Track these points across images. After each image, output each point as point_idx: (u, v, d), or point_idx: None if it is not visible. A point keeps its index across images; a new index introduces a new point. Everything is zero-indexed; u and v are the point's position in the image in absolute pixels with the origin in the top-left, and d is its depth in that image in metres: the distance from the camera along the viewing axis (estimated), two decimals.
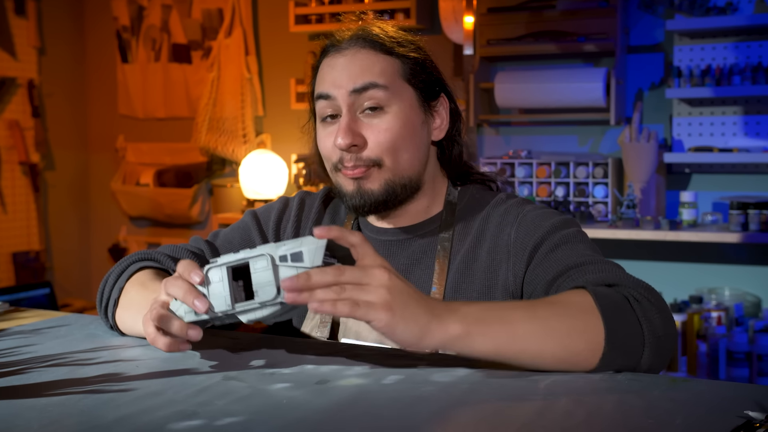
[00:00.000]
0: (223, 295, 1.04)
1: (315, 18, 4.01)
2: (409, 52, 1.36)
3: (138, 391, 1.00)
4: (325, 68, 1.35)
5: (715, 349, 3.08)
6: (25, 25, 4.54)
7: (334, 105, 1.33)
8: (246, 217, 1.52)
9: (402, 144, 1.32)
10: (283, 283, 0.98)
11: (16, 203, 4.52)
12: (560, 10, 3.49)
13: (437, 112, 1.40)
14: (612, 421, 0.90)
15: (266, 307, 1.03)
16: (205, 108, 4.43)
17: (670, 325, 1.09)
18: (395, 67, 1.34)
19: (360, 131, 1.31)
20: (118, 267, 1.37)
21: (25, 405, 0.95)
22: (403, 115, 1.33)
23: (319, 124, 1.38)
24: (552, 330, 1.03)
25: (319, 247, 1.01)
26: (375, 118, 1.32)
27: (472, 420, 0.90)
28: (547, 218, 1.31)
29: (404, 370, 1.07)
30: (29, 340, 1.29)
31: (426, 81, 1.37)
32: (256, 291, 1.03)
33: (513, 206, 1.36)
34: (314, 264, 1.00)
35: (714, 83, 3.26)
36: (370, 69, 1.32)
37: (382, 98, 1.31)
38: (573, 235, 1.27)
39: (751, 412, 0.86)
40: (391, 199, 1.35)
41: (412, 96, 1.35)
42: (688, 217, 3.25)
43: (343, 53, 1.34)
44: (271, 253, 1.02)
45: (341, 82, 1.32)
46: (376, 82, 1.31)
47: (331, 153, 1.35)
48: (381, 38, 1.35)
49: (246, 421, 0.89)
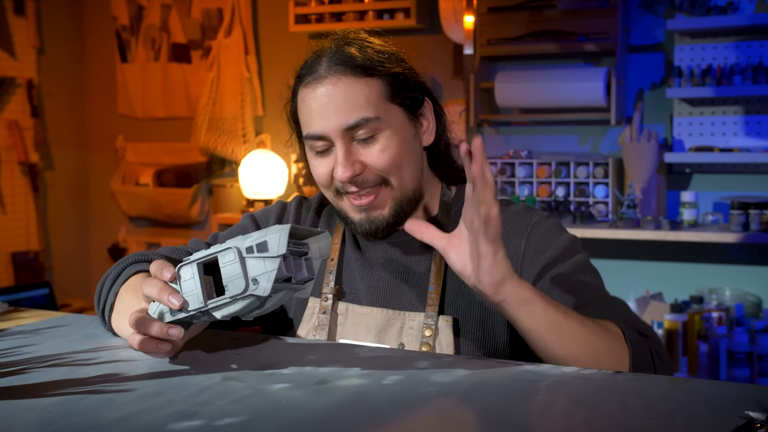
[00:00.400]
0: (195, 292, 1.04)
1: (315, 17, 3.99)
2: (388, 68, 1.33)
3: (138, 392, 1.00)
4: (309, 100, 1.32)
5: (715, 350, 3.08)
6: (24, 25, 4.53)
7: (325, 141, 1.32)
8: (244, 220, 1.52)
9: (402, 161, 1.32)
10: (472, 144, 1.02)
11: (15, 203, 4.51)
12: (561, 10, 3.48)
13: (424, 117, 1.39)
14: (612, 421, 0.90)
15: (237, 301, 1.03)
16: (205, 108, 4.42)
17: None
18: (379, 90, 1.31)
19: (358, 159, 1.31)
20: (115, 269, 1.37)
21: (25, 405, 0.95)
22: (396, 136, 1.32)
23: (311, 154, 1.36)
24: (594, 344, 1.12)
25: (283, 234, 1.01)
26: (369, 145, 1.31)
27: (472, 420, 0.90)
28: (557, 235, 1.34)
29: (404, 371, 1.07)
30: (28, 341, 1.29)
31: (410, 94, 1.35)
32: (226, 285, 1.02)
33: (520, 215, 1.37)
34: (280, 252, 1.01)
35: (715, 83, 3.26)
36: (356, 100, 1.29)
37: (374, 127, 1.30)
38: (582, 263, 1.31)
39: (751, 413, 0.86)
40: (400, 218, 1.35)
41: (400, 114, 1.34)
42: (689, 217, 3.25)
43: (322, 82, 1.31)
44: (238, 245, 1.02)
45: (329, 116, 1.29)
46: (367, 117, 1.29)
47: (329, 183, 1.34)
48: (358, 58, 1.31)
49: (246, 421, 0.89)
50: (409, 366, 1.09)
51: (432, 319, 1.32)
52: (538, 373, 1.06)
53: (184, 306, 1.04)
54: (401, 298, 1.38)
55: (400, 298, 1.38)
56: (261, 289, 1.01)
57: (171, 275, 1.05)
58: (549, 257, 1.30)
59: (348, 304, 1.40)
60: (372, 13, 3.86)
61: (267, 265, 1.01)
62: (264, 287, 1.01)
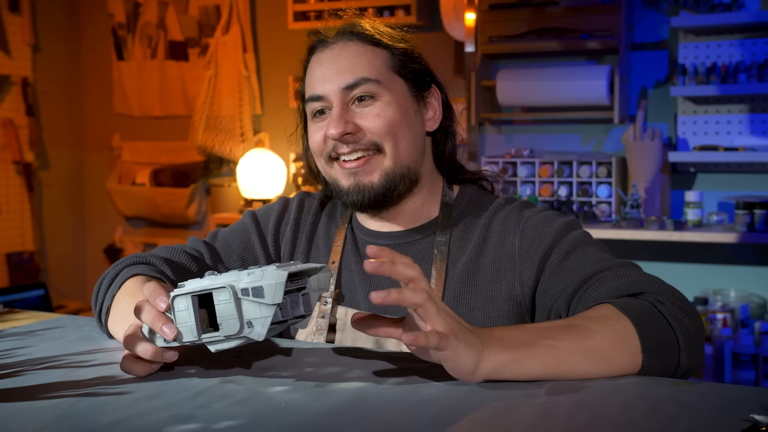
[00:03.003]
0: (190, 324, 1.03)
1: (314, 15, 4.00)
2: (396, 43, 1.36)
3: (134, 394, 0.99)
4: (314, 65, 1.36)
5: (720, 352, 3.08)
6: (19, 22, 4.52)
7: (324, 102, 1.33)
8: (245, 218, 1.51)
9: (399, 130, 1.32)
10: (368, 259, 0.95)
11: (10, 203, 4.51)
12: (563, 7, 3.48)
13: (429, 104, 1.40)
14: (616, 424, 0.89)
15: (232, 339, 1.02)
16: (202, 106, 4.42)
17: (698, 321, 1.10)
18: (384, 59, 1.34)
19: (352, 119, 1.31)
20: (112, 270, 1.35)
21: (20, 408, 0.95)
22: (395, 103, 1.32)
23: (310, 121, 1.37)
24: (595, 348, 1.03)
25: (279, 283, 1.00)
26: (366, 107, 1.32)
27: (474, 423, 0.89)
28: (550, 222, 1.31)
29: (404, 373, 1.07)
30: (23, 342, 1.28)
31: (416, 71, 1.37)
32: (221, 323, 1.02)
33: (513, 212, 1.35)
34: (275, 301, 1.00)
35: (719, 81, 3.25)
36: (359, 61, 1.32)
37: (373, 90, 1.31)
38: (581, 238, 1.27)
39: (757, 416, 0.85)
40: (390, 191, 1.34)
41: (403, 86, 1.35)
42: (693, 217, 3.24)
43: (330, 48, 1.35)
44: (234, 284, 1.01)
45: (330, 77, 1.32)
46: (367, 77, 1.31)
47: (322, 146, 1.34)
48: (368, 30, 1.35)
49: (244, 424, 0.89)
50: (409, 368, 1.08)
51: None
52: None
53: (178, 337, 1.03)
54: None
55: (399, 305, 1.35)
56: (255, 334, 1.01)
57: (165, 306, 1.04)
58: (545, 246, 1.28)
59: (347, 309, 1.39)
60: (372, 10, 3.84)
61: (262, 310, 1.01)
62: (259, 332, 1.01)
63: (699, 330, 1.09)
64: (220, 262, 1.44)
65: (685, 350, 1.06)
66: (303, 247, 1.46)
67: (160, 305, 1.04)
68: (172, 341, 1.04)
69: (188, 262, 1.40)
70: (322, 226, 1.48)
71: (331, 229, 1.47)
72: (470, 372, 0.97)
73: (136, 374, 1.06)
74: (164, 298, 1.04)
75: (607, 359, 1.03)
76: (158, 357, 1.05)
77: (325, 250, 1.44)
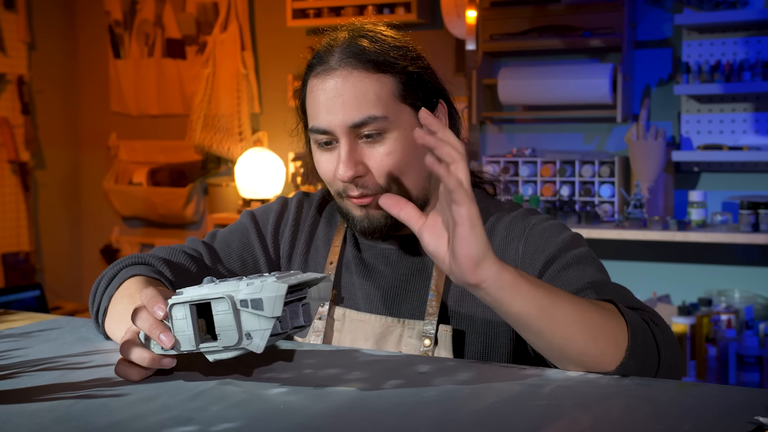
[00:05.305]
0: (188, 334, 1.02)
1: (313, 12, 3.99)
2: (402, 65, 1.29)
3: (131, 396, 0.99)
4: (317, 92, 1.29)
5: (724, 353, 3.08)
6: (15, 20, 4.52)
7: (330, 136, 1.28)
8: (244, 218, 1.50)
9: (405, 167, 1.28)
10: (423, 120, 0.98)
11: (5, 203, 4.51)
12: (565, 4, 3.47)
13: None
14: (619, 427, 0.89)
15: (230, 350, 1.02)
16: (200, 105, 4.42)
17: (680, 359, 1.14)
18: (390, 88, 1.27)
19: (361, 160, 1.27)
20: (110, 270, 1.34)
21: (15, 410, 0.95)
22: (403, 139, 1.28)
23: (316, 148, 1.33)
24: (589, 321, 1.05)
25: (279, 296, 0.99)
26: (375, 144, 1.27)
27: (474, 426, 0.88)
28: (557, 233, 1.30)
29: (404, 375, 1.06)
30: (19, 344, 1.28)
31: (422, 95, 1.31)
32: (219, 334, 1.01)
33: (518, 218, 1.34)
34: (275, 314, 0.99)
35: (723, 79, 3.23)
36: (365, 96, 1.25)
37: (381, 127, 1.26)
38: (584, 256, 1.27)
39: (761, 418, 0.85)
40: (399, 222, 1.29)
41: (410, 115, 1.29)
42: (697, 217, 3.23)
43: (332, 75, 1.27)
44: (233, 294, 1.00)
45: (335, 110, 1.26)
46: (374, 115, 1.25)
47: (333, 181, 1.31)
48: (372, 52, 1.28)
49: (242, 427, 0.89)
50: (409, 370, 1.08)
51: (431, 327, 1.31)
52: (542, 377, 1.05)
53: (176, 346, 1.02)
54: (401, 305, 1.36)
55: (399, 306, 1.36)
56: (254, 346, 1.00)
57: (164, 314, 1.02)
58: (548, 254, 1.27)
59: (345, 310, 1.38)
60: (372, 8, 3.83)
61: (262, 323, 0.99)
62: (257, 344, 1.00)
63: (679, 364, 1.12)
64: (219, 262, 1.43)
65: (662, 371, 1.09)
66: (302, 247, 1.45)
67: (158, 313, 1.02)
68: (170, 349, 1.03)
69: (187, 263, 1.39)
70: (322, 226, 1.46)
71: (330, 230, 1.46)
72: (476, 261, 0.97)
73: (131, 379, 1.05)
74: (162, 306, 1.02)
75: (594, 336, 1.04)
76: (155, 364, 1.04)
77: (325, 251, 1.43)
